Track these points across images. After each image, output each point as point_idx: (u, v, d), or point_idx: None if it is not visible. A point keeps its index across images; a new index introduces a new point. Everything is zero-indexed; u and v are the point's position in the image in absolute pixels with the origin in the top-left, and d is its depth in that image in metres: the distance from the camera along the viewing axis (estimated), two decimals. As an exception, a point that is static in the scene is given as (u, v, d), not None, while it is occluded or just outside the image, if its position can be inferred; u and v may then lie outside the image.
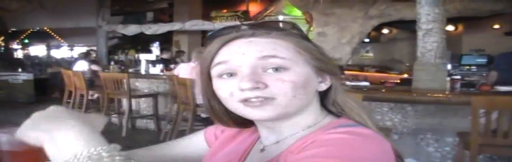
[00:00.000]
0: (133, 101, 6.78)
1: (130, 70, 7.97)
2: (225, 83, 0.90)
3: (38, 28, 14.98)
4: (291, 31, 0.94)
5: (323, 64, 0.93)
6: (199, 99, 5.02)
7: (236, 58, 0.88)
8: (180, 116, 5.47)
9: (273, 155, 0.93)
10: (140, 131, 6.75)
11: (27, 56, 16.35)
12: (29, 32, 15.85)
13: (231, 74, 0.89)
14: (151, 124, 6.85)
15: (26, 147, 1.20)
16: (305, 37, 0.96)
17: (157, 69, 7.24)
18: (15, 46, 16.96)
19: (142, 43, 13.57)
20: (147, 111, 6.96)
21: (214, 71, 0.92)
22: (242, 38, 0.91)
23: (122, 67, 8.89)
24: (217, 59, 0.91)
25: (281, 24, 0.97)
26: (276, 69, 0.87)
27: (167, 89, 6.58)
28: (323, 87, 0.95)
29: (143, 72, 7.38)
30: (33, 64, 13.41)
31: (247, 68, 0.87)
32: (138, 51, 13.43)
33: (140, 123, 6.99)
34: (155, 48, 13.61)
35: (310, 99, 0.93)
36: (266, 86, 0.85)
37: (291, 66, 0.87)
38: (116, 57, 10.37)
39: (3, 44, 16.29)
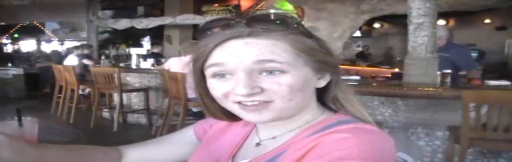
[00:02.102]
0: (124, 95, 6.76)
1: (121, 65, 7.93)
2: (219, 84, 0.88)
3: (28, 23, 14.85)
4: (292, 27, 0.88)
5: (323, 64, 0.90)
6: (190, 94, 5.01)
7: (231, 61, 0.84)
8: (171, 110, 5.46)
9: (269, 149, 0.92)
10: (131, 126, 6.73)
11: (17, 51, 16.22)
12: (19, 26, 15.72)
13: (225, 75, 0.87)
14: (142, 119, 6.83)
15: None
16: (308, 34, 0.91)
17: (148, 64, 7.21)
18: (4, 40, 16.83)
19: (133, 37, 13.53)
20: (138, 105, 6.94)
21: (208, 72, 0.89)
22: (238, 39, 0.86)
23: (113, 62, 8.85)
24: (211, 60, 0.88)
25: (280, 19, 0.89)
26: (272, 72, 0.84)
27: (158, 83, 6.56)
28: (322, 83, 0.93)
29: (134, 66, 7.34)
30: (23, 58, 13.31)
31: (243, 72, 0.83)
32: (129, 46, 13.39)
33: (132, 117, 6.96)
34: (146, 43, 13.55)
35: (309, 99, 0.92)
36: (262, 90, 0.83)
37: (289, 70, 0.84)
38: (107, 52, 10.30)
39: (-8, 39, 16.21)
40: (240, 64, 0.83)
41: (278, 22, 0.88)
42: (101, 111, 7.18)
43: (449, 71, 3.87)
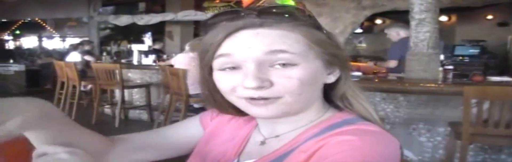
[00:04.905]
0: (126, 91, 6.75)
1: (123, 61, 7.94)
2: (227, 77, 0.85)
3: (29, 19, 14.85)
4: (304, 19, 0.86)
5: (334, 58, 0.88)
6: (192, 90, 5.01)
7: (241, 52, 0.82)
8: (173, 106, 5.46)
9: (274, 149, 0.90)
10: (133, 122, 6.74)
11: (18, 47, 16.23)
12: (20, 23, 15.72)
13: (234, 68, 0.84)
14: (144, 115, 6.84)
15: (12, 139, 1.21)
16: (319, 27, 0.89)
17: (149, 60, 7.20)
18: (6, 37, 16.83)
19: (134, 33, 13.52)
20: (140, 101, 6.95)
21: (216, 63, 0.87)
22: (249, 29, 0.83)
23: (114, 58, 8.85)
24: (220, 51, 0.85)
25: (292, 10, 0.86)
26: (284, 64, 0.81)
27: (159, 79, 6.56)
28: (332, 79, 0.91)
29: (135, 62, 7.34)
30: (24, 55, 13.32)
31: (253, 63, 0.81)
32: (130, 42, 13.38)
33: (133, 113, 6.97)
34: (148, 39, 13.55)
35: (316, 95, 0.90)
36: (271, 84, 0.81)
37: (300, 62, 0.82)
38: (108, 48, 10.30)
39: (-6, 35, 16.21)
40: (251, 55, 0.81)
41: (289, 13, 0.85)
42: (102, 107, 7.19)
43: (450, 67, 3.87)
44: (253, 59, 0.81)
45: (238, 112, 0.97)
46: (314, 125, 0.89)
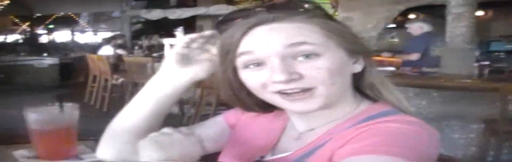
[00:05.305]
0: (157, 85, 6.76)
1: (154, 55, 7.98)
2: (254, 74, 0.86)
3: (62, 13, 15.07)
4: (315, 11, 0.88)
5: (355, 46, 0.88)
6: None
7: (262, 48, 0.83)
8: (204, 100, 5.48)
9: (308, 142, 0.90)
10: (163, 115, 6.75)
11: (51, 41, 16.50)
12: (54, 17, 15.97)
13: (258, 64, 0.85)
14: (174, 108, 6.84)
15: (53, 126, 1.25)
16: (332, 18, 0.90)
17: (181, 54, 7.21)
18: (40, 31, 17.13)
19: (165, 28, 13.61)
20: (170, 95, 6.94)
21: (239, 62, 0.88)
22: (263, 25, 0.85)
23: (146, 52, 8.93)
24: (240, 49, 0.86)
25: (300, 3, 0.88)
26: (307, 56, 0.82)
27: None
28: (358, 68, 0.90)
29: (167, 56, 7.36)
30: (58, 48, 13.53)
31: (276, 58, 0.82)
32: (161, 36, 13.47)
33: (163, 107, 6.98)
34: (179, 33, 13.61)
35: (347, 85, 0.90)
36: (300, 76, 0.81)
37: (323, 52, 0.82)
38: (139, 42, 10.39)
39: (28, 29, 16.49)
40: (272, 50, 0.82)
41: (298, 6, 0.87)
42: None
43: (486, 62, 3.80)
44: (275, 53, 0.82)
45: (263, 109, 0.99)
46: (351, 117, 0.89)
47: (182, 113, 6.60)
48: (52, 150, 1.29)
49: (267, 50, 0.82)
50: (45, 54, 11.29)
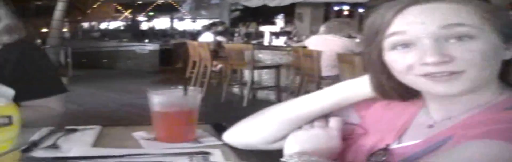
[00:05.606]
0: (256, 72, 6.81)
1: (253, 42, 8.03)
2: (401, 56, 0.83)
3: (163, 1, 15.47)
4: None
5: (511, 30, 0.83)
6: (325, 71, 4.93)
7: (415, 28, 0.80)
8: (303, 88, 5.38)
9: (441, 130, 0.86)
10: (260, 102, 6.78)
11: (151, 28, 17.04)
12: (154, 4, 16.44)
13: (406, 45, 0.82)
14: (272, 96, 6.85)
15: (176, 109, 1.28)
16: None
17: (280, 41, 7.20)
18: (141, 18, 17.73)
19: (263, 15, 13.64)
20: (268, 82, 6.97)
21: (387, 42, 0.84)
22: (418, 5, 0.81)
23: (245, 39, 8.97)
24: (391, 29, 0.83)
25: None
26: (460, 38, 0.78)
27: (290, 61, 6.49)
28: (509, 54, 0.84)
29: (266, 43, 7.35)
30: (158, 35, 13.90)
31: (429, 39, 0.78)
32: (259, 24, 13.52)
33: (261, 94, 7.03)
34: (280, 21, 13.59)
35: (496, 71, 0.84)
36: (452, 58, 0.77)
37: (478, 35, 0.78)
38: (237, 30, 10.47)
39: (130, 17, 17.14)
40: (425, 31, 0.79)
41: None
42: (231, 87, 7.33)
43: None
44: (429, 34, 0.79)
45: (400, 96, 0.96)
46: (490, 106, 0.84)
47: (279, 100, 6.55)
48: (173, 133, 1.31)
49: (421, 31, 0.79)
50: (146, 40, 11.62)
